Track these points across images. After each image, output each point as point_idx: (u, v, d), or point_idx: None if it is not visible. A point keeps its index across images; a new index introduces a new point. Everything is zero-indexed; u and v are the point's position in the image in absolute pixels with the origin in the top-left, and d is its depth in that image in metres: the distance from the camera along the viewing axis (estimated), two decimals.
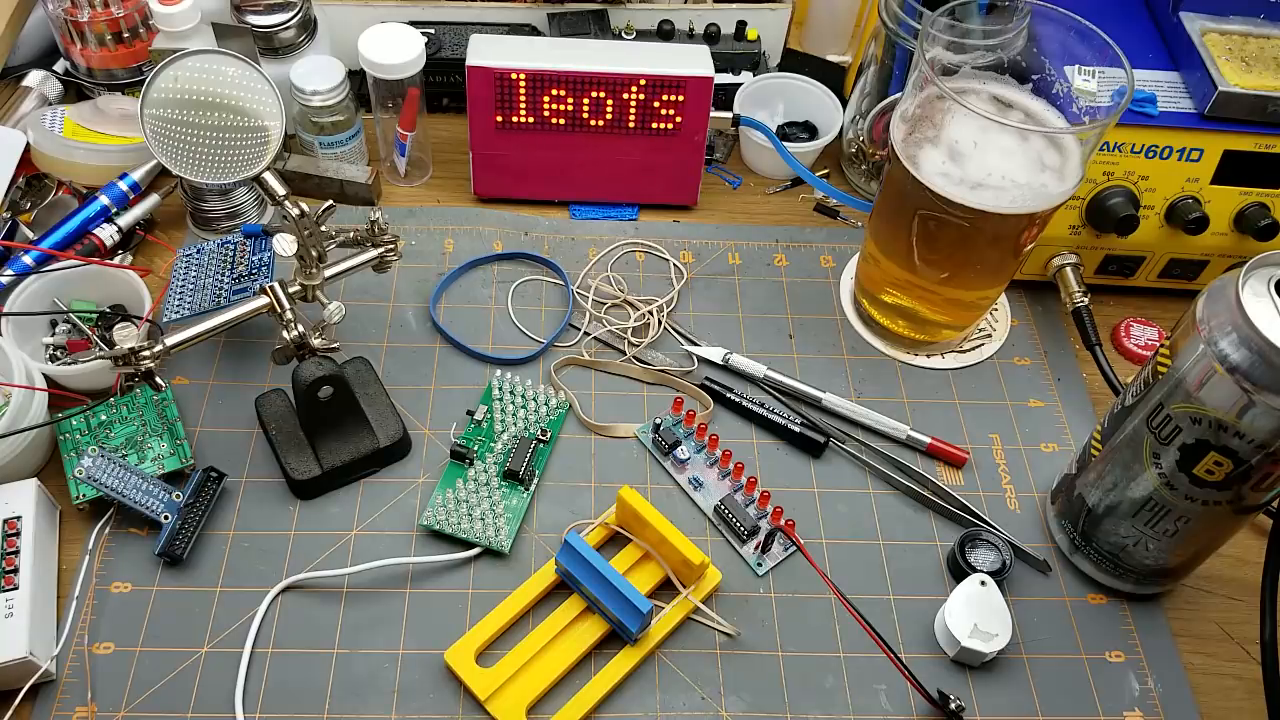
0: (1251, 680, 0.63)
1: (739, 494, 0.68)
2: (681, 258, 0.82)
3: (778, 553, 0.66)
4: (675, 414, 0.71)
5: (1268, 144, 0.71)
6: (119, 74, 0.86)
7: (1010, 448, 0.72)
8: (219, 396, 0.71)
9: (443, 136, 0.89)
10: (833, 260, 0.83)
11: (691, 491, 0.68)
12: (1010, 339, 0.79)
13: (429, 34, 0.87)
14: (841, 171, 0.90)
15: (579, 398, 0.72)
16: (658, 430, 0.70)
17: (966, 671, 0.62)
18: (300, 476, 0.65)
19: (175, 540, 0.62)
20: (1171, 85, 0.73)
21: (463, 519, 0.65)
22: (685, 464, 0.69)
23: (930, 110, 0.66)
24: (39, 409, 0.64)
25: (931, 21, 0.66)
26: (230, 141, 0.64)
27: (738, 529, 0.66)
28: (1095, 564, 0.65)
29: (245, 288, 0.71)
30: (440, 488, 0.67)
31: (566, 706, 0.58)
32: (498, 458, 0.68)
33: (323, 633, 0.61)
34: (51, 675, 0.58)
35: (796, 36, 0.99)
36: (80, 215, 0.77)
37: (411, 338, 0.75)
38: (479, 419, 0.70)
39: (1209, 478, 0.55)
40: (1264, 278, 0.52)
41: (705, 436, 0.70)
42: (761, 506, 0.67)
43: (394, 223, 0.81)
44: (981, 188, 0.64)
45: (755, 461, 0.70)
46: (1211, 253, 0.77)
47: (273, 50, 0.81)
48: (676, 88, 0.77)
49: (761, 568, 0.65)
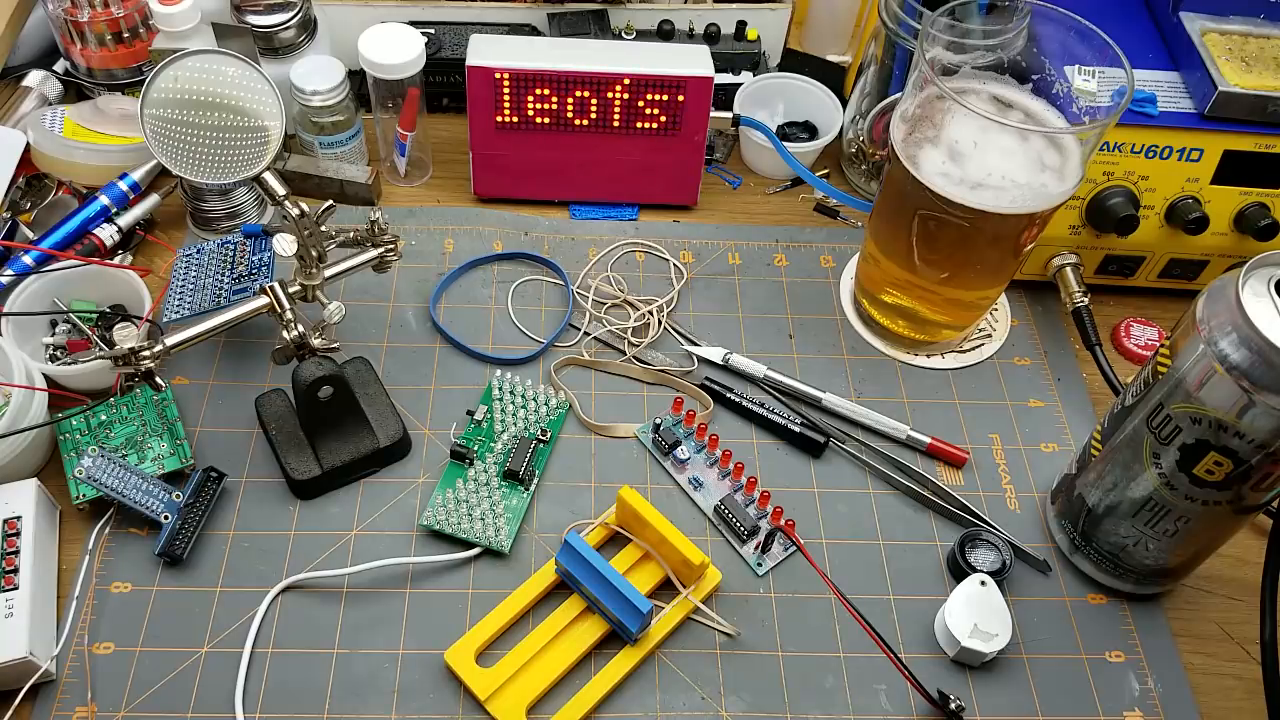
0: (1251, 680, 0.63)
1: (739, 494, 0.68)
2: (681, 258, 0.82)
3: (778, 553, 0.66)
4: (675, 414, 0.71)
5: (1268, 144, 0.71)
6: (119, 74, 0.86)
7: (1010, 448, 0.72)
8: (219, 396, 0.71)
9: (443, 136, 0.89)
10: (833, 260, 0.83)
11: (691, 491, 0.68)
12: (1010, 339, 0.79)
13: (429, 34, 0.87)
14: (841, 171, 0.90)
15: (579, 398, 0.72)
16: (658, 430, 0.70)
17: (966, 671, 0.62)
18: (300, 476, 0.65)
19: (175, 540, 0.62)
20: (1171, 85, 0.73)
21: (463, 519, 0.65)
22: (685, 464, 0.69)
23: (930, 110, 0.66)
24: (39, 409, 0.64)
25: (931, 21, 0.66)
26: (230, 141, 0.64)
27: (738, 529, 0.66)
28: (1095, 564, 0.65)
29: (245, 288, 0.71)
30: (440, 488, 0.67)
31: (566, 706, 0.58)
32: (498, 458, 0.68)
33: (323, 633, 0.61)
34: (51, 675, 0.58)
35: (796, 36, 0.99)
36: (80, 215, 0.77)
37: (411, 338, 0.75)
38: (479, 419, 0.70)
39: (1209, 478, 0.55)
40: (1264, 278, 0.52)
41: (705, 436, 0.70)
42: (761, 506, 0.67)
43: (394, 223, 0.81)
44: (981, 188, 0.64)
45: (755, 461, 0.70)
46: (1211, 253, 0.77)
47: (273, 50, 0.81)
48: (676, 88, 0.77)
49: (761, 568, 0.65)
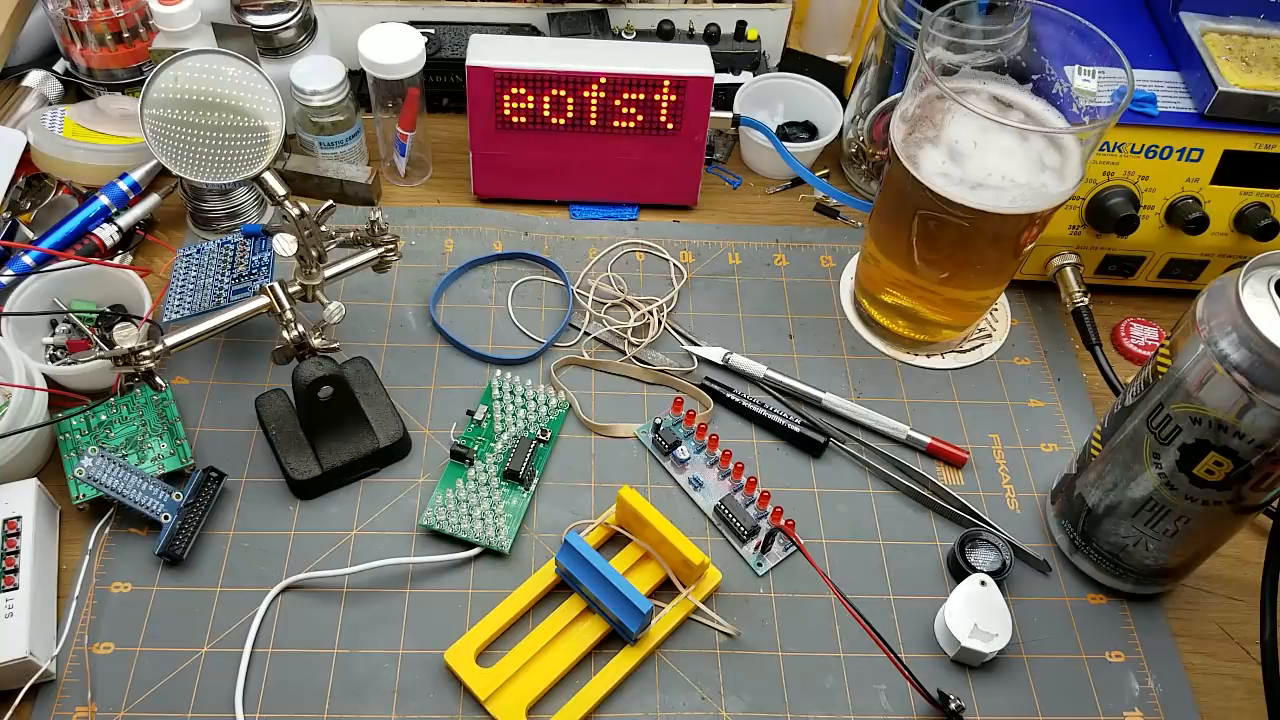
0: (1251, 680, 0.63)
1: (739, 494, 0.68)
2: (681, 258, 0.82)
3: (778, 552, 0.66)
4: (675, 414, 0.71)
5: (1268, 144, 0.71)
6: (119, 74, 0.86)
7: (1010, 448, 0.72)
8: (219, 396, 0.71)
9: (443, 136, 0.89)
10: (833, 260, 0.83)
11: (691, 491, 0.68)
12: (1010, 339, 0.79)
13: (429, 34, 0.87)
14: (841, 171, 0.90)
15: (579, 398, 0.72)
16: (658, 430, 0.70)
17: (966, 671, 0.62)
18: (300, 476, 0.65)
19: (175, 540, 0.62)
20: (1171, 85, 0.73)
21: (463, 519, 0.65)
22: (685, 464, 0.69)
23: (930, 110, 0.66)
24: (39, 409, 0.64)
25: (931, 21, 0.66)
26: (230, 141, 0.64)
27: (738, 529, 0.66)
28: (1095, 564, 0.65)
29: (245, 288, 0.71)
30: (440, 488, 0.67)
31: (566, 706, 0.58)
32: (498, 458, 0.68)
33: (323, 633, 0.61)
34: (51, 675, 0.58)
35: (796, 36, 0.99)
36: (80, 215, 0.77)
37: (411, 338, 0.75)
38: (479, 419, 0.70)
39: (1209, 478, 0.55)
40: (1264, 278, 0.52)
41: (705, 436, 0.70)
42: (761, 506, 0.67)
43: (394, 223, 0.81)
44: (981, 188, 0.64)
45: (755, 461, 0.70)
46: (1211, 253, 0.77)
47: (273, 50, 0.81)
48: (676, 88, 0.77)
49: (761, 567, 0.65)
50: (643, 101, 0.78)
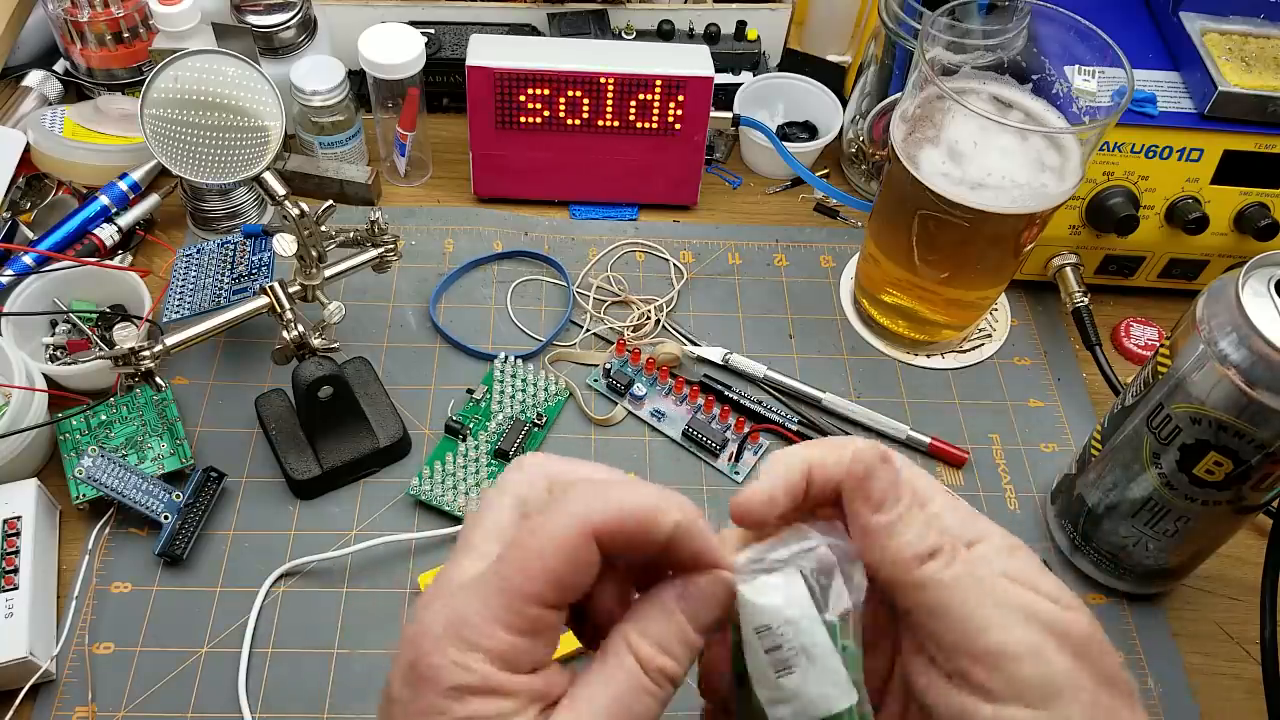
0: (1251, 680, 0.63)
1: (700, 414, 0.71)
2: (681, 258, 0.82)
3: (749, 459, 0.69)
4: (619, 355, 0.74)
5: (1268, 144, 0.71)
6: (119, 74, 0.86)
7: (1010, 448, 0.72)
8: (219, 396, 0.71)
9: (443, 136, 0.89)
10: (833, 260, 0.83)
11: (656, 424, 0.71)
12: (1010, 339, 0.79)
13: (429, 34, 0.87)
14: (841, 171, 0.90)
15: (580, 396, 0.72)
16: (609, 374, 0.72)
17: None
18: (300, 476, 0.65)
19: (175, 540, 0.62)
20: (1171, 85, 0.73)
21: (448, 492, 0.65)
22: (643, 399, 0.72)
23: (930, 110, 0.66)
24: (39, 409, 0.64)
25: (931, 21, 0.66)
26: (230, 141, 0.64)
27: (708, 445, 0.69)
28: (1095, 564, 0.65)
29: (245, 288, 0.71)
30: (430, 459, 0.67)
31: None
32: (490, 436, 0.68)
33: (322, 633, 0.61)
34: (51, 675, 0.58)
35: (796, 36, 0.99)
36: (80, 215, 0.77)
37: (411, 338, 0.75)
38: (478, 398, 0.70)
39: (1209, 478, 0.55)
40: (1264, 278, 0.51)
41: (654, 371, 0.72)
42: (723, 420, 0.70)
43: (394, 223, 0.81)
44: (981, 188, 0.64)
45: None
46: (1211, 253, 0.77)
47: (273, 50, 0.81)
48: (676, 88, 0.77)
49: (740, 475, 0.68)
50: (643, 101, 0.78)
